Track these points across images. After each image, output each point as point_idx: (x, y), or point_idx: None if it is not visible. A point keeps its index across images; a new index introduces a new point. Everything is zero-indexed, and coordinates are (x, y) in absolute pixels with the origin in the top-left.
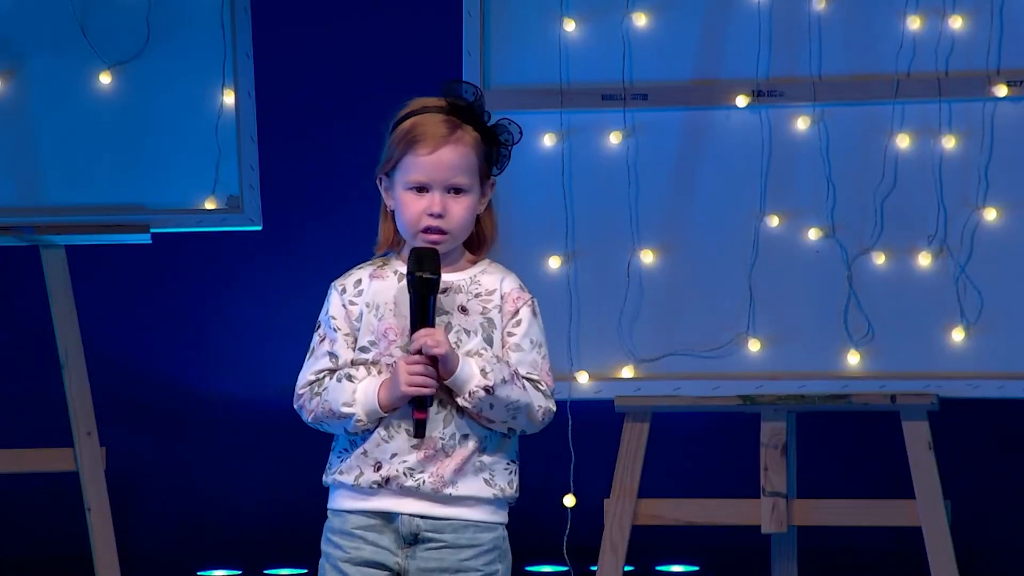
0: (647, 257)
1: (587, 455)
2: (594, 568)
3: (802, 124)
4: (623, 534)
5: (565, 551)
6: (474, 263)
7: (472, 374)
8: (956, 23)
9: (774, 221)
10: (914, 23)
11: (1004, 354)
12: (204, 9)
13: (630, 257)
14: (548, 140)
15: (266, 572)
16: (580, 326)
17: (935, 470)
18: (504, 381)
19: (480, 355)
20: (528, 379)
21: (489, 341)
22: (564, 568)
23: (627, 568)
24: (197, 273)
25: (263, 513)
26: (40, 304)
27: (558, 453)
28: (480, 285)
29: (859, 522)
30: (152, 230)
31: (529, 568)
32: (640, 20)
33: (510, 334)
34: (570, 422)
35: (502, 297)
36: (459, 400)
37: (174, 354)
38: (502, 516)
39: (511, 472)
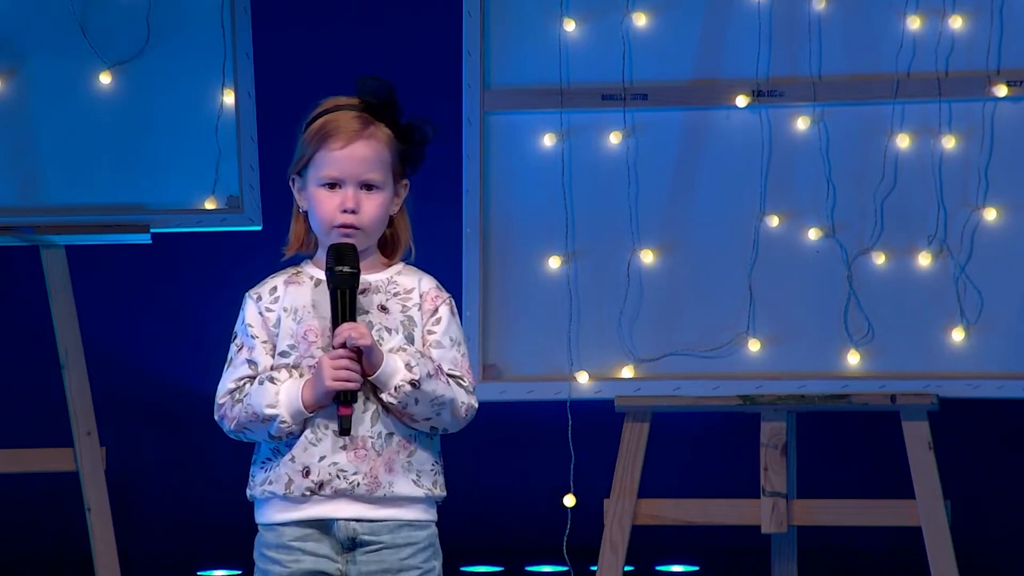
0: (647, 257)
1: (587, 455)
2: (594, 568)
3: (802, 124)
4: (623, 534)
5: (565, 551)
6: (388, 266)
7: (397, 368)
8: (956, 23)
9: (774, 221)
10: (914, 23)
11: (1004, 354)
12: (204, 9)
13: (630, 257)
14: (548, 140)
15: None
16: (580, 326)
17: (935, 470)
18: (429, 375)
19: (404, 351)
20: (451, 375)
21: (410, 339)
22: (564, 568)
23: (627, 568)
24: (197, 273)
25: None
26: (40, 304)
27: (558, 453)
28: (398, 285)
29: (859, 522)
30: (152, 230)
31: (529, 568)
32: (640, 20)
33: (430, 332)
34: (570, 422)
35: (421, 296)
36: (384, 396)
37: (174, 354)
38: (433, 514)
39: (436, 472)
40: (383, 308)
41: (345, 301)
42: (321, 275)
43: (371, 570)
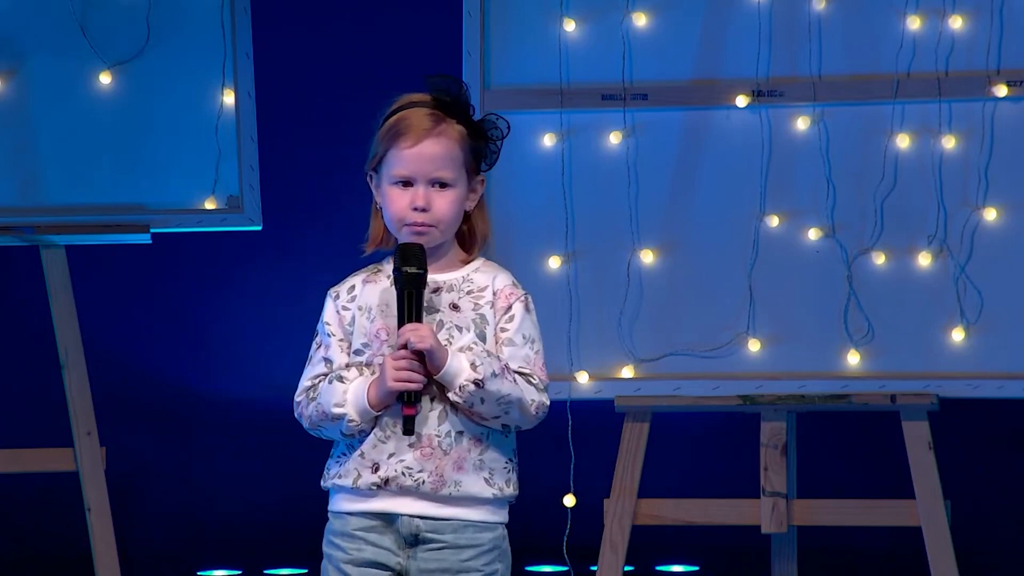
0: (647, 257)
1: (587, 455)
2: (594, 568)
3: (802, 124)
4: (623, 534)
5: (565, 551)
6: (467, 262)
7: (461, 368)
8: (956, 23)
9: (774, 221)
10: (914, 23)
11: (1004, 354)
12: (204, 9)
13: (630, 257)
14: (548, 140)
15: (266, 572)
16: (580, 326)
17: (935, 470)
18: (494, 375)
19: (471, 350)
20: (520, 373)
21: (482, 337)
22: (564, 568)
23: (627, 568)
24: (197, 273)
25: (263, 513)
26: (40, 304)
27: (558, 453)
28: (472, 283)
29: (859, 522)
30: (152, 230)
31: (529, 568)
32: (640, 20)
33: (503, 329)
34: (570, 422)
35: (494, 293)
36: (450, 395)
37: (174, 354)
38: (502, 516)
39: (509, 471)
40: (454, 306)
41: (411, 302)
42: None
43: (430, 568)
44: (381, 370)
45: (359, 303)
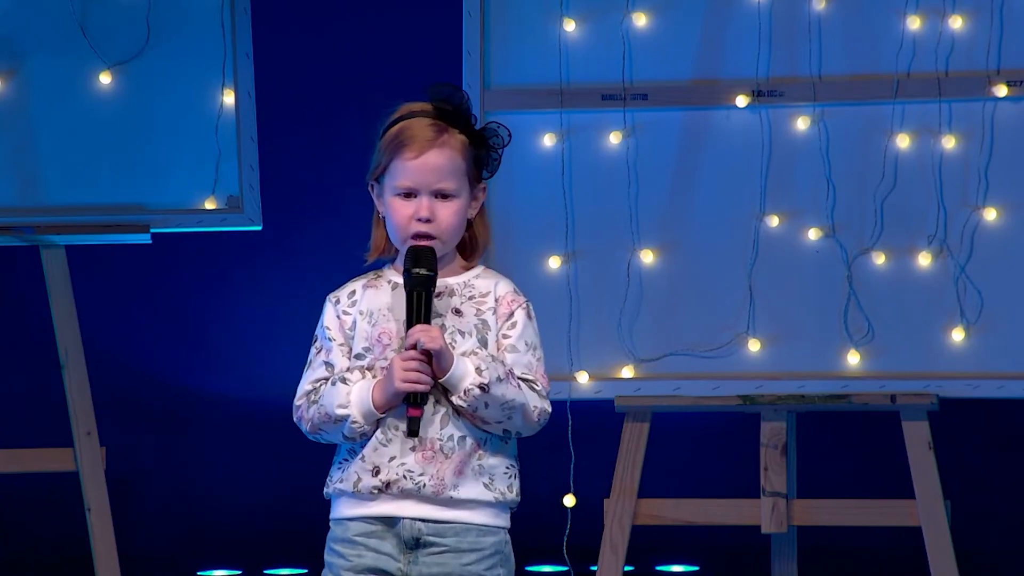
0: (647, 257)
1: (587, 455)
2: (594, 568)
3: (802, 124)
4: (623, 534)
5: (565, 551)
6: (467, 268)
7: (467, 372)
8: (956, 23)
9: (774, 221)
10: (914, 23)
11: (1004, 354)
12: (204, 9)
13: (630, 257)
14: (548, 140)
15: (266, 572)
16: (580, 326)
17: (935, 470)
18: (499, 379)
19: (476, 354)
20: (523, 379)
21: (484, 343)
22: (564, 568)
23: (627, 568)
24: (197, 273)
25: (263, 513)
26: (40, 304)
27: (558, 453)
28: (474, 288)
29: (859, 522)
30: (152, 230)
31: (529, 568)
32: (640, 20)
33: (505, 336)
34: (570, 422)
35: (496, 300)
36: (454, 399)
37: (174, 354)
38: (504, 520)
39: (511, 476)
40: (457, 311)
41: (421, 303)
42: (400, 279)
43: (431, 572)
44: (388, 371)
45: (360, 308)
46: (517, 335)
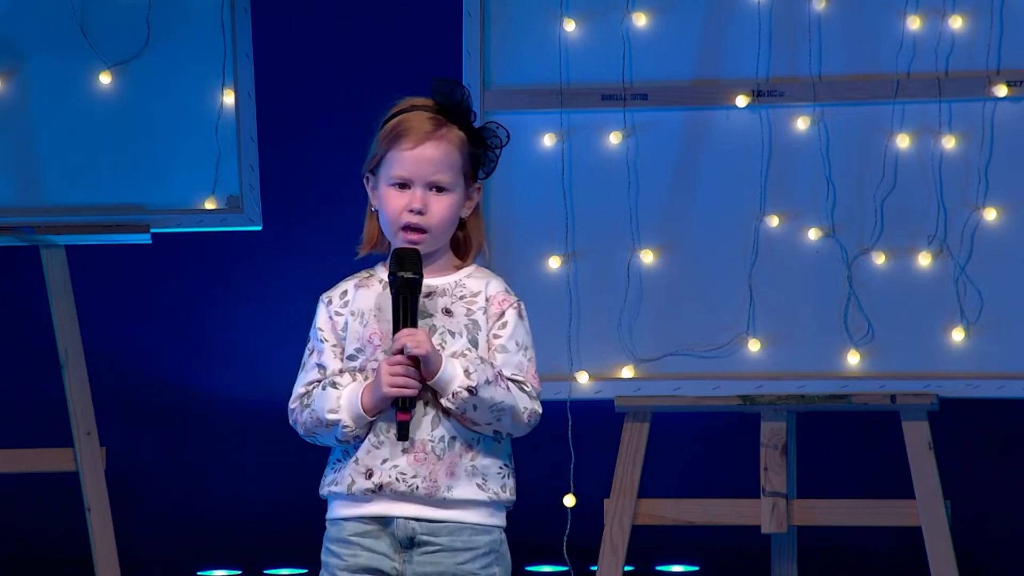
0: (647, 257)
1: (587, 455)
2: (594, 568)
3: (802, 124)
4: (623, 534)
5: (565, 551)
6: (460, 268)
7: (455, 375)
8: (956, 23)
9: (774, 221)
10: (914, 23)
11: (1004, 354)
12: (204, 9)
13: (630, 257)
14: (548, 140)
15: (266, 572)
16: (580, 326)
17: (935, 470)
18: (488, 382)
19: (465, 356)
20: (513, 380)
21: (474, 343)
22: (564, 568)
23: (627, 568)
24: (197, 273)
25: (263, 513)
26: (40, 304)
27: (558, 453)
28: (465, 288)
29: (859, 522)
30: (152, 230)
31: (529, 568)
32: (640, 20)
33: (496, 336)
34: (570, 422)
35: (487, 299)
36: (443, 401)
37: (174, 354)
38: (499, 519)
39: (504, 476)
40: (447, 311)
41: (406, 307)
42: None
43: (426, 572)
44: (376, 375)
45: (352, 308)
46: (508, 335)
